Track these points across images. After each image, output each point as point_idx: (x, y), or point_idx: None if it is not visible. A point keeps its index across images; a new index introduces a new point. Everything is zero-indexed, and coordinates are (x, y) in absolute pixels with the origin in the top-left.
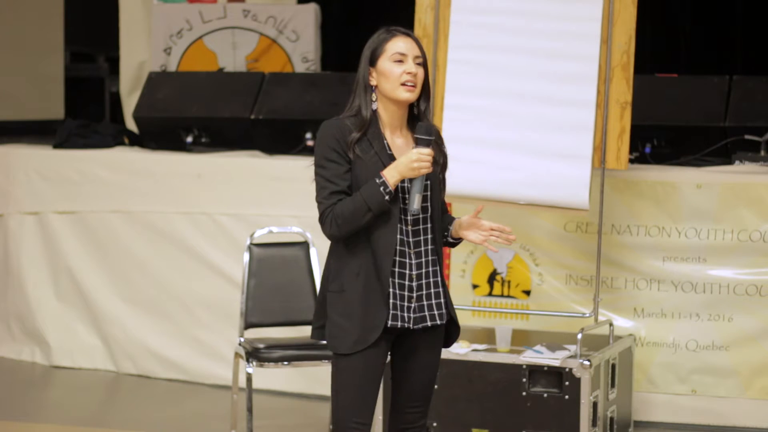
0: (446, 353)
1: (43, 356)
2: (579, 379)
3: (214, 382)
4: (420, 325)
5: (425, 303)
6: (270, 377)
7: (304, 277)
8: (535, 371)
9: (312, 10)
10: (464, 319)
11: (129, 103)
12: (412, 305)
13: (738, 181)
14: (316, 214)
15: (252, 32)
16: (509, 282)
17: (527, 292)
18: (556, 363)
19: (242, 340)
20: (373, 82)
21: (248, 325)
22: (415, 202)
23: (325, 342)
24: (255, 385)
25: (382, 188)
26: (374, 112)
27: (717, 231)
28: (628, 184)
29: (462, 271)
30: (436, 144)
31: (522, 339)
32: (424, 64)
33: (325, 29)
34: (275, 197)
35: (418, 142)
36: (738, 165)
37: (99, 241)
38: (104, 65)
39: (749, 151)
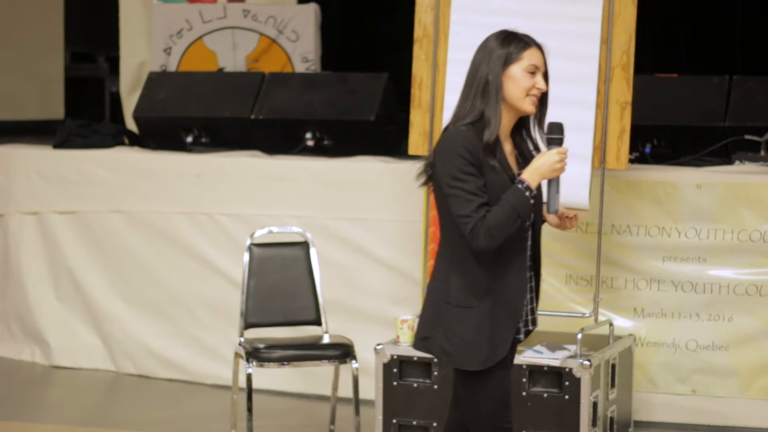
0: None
1: (43, 356)
2: (579, 379)
3: (214, 382)
4: (527, 329)
5: (529, 308)
6: (270, 377)
7: (304, 277)
8: (535, 371)
9: (312, 10)
10: None
11: (129, 103)
12: (528, 315)
13: (738, 181)
14: (315, 214)
15: (252, 32)
16: None
17: None
18: (556, 363)
19: (242, 340)
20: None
21: (248, 325)
22: (557, 201)
23: (429, 354)
24: (255, 385)
25: (527, 193)
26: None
27: (717, 231)
28: (628, 184)
29: None
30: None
31: None
32: (547, 78)
33: (325, 29)
34: (275, 197)
35: (551, 142)
36: (738, 165)
37: (99, 241)
38: (104, 65)
39: (749, 151)
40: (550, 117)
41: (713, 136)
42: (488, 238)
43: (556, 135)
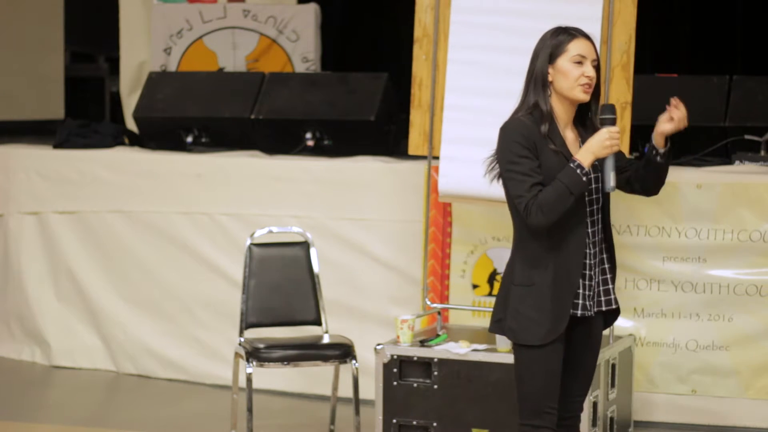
0: (446, 353)
1: (43, 356)
2: None
3: (214, 382)
4: (596, 310)
5: (598, 289)
6: (270, 377)
7: (304, 277)
8: None
9: (312, 10)
10: (464, 319)
11: (129, 103)
12: (592, 293)
13: (738, 181)
14: (315, 214)
15: (252, 32)
16: None
17: None
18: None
19: (242, 340)
20: (550, 79)
21: (248, 325)
22: (612, 179)
23: (501, 335)
24: (255, 385)
25: (579, 170)
26: (551, 107)
27: (717, 231)
28: None
29: (462, 271)
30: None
31: None
32: (598, 67)
33: (325, 29)
34: (275, 197)
35: (603, 122)
36: (738, 165)
37: (99, 241)
38: (104, 65)
39: (749, 151)
40: None
41: (713, 136)
42: (540, 215)
43: (607, 115)
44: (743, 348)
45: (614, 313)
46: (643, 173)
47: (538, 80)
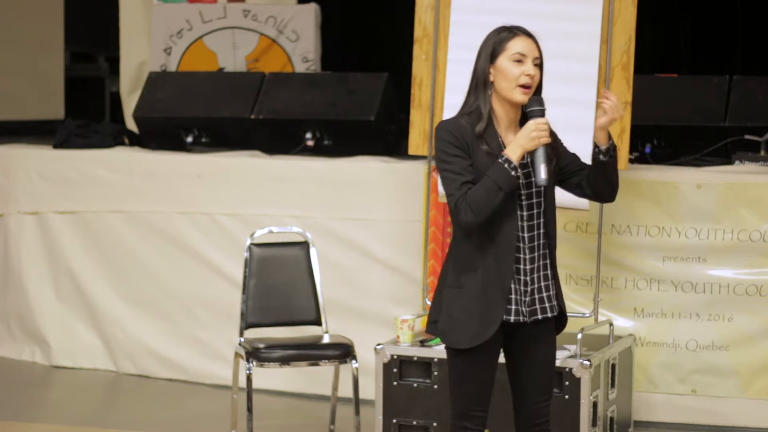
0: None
1: (43, 356)
2: (579, 379)
3: (214, 382)
4: (532, 318)
5: (537, 296)
6: (270, 377)
7: (304, 277)
8: None
9: (312, 10)
10: None
11: (129, 103)
12: (526, 299)
13: (738, 181)
14: (315, 214)
15: (252, 32)
16: None
17: None
18: (556, 363)
19: (242, 340)
20: (491, 79)
21: (248, 325)
22: (542, 171)
23: (436, 337)
24: (255, 385)
25: (506, 165)
26: (490, 109)
27: (717, 231)
28: (628, 184)
29: None
30: (553, 138)
31: None
32: (541, 66)
33: (325, 29)
34: (275, 197)
35: (531, 114)
36: (738, 165)
37: (99, 241)
38: (104, 65)
39: (749, 151)
40: (550, 117)
41: (713, 136)
42: (470, 213)
43: (535, 107)
44: (743, 348)
45: (562, 319)
46: (592, 176)
47: (479, 80)
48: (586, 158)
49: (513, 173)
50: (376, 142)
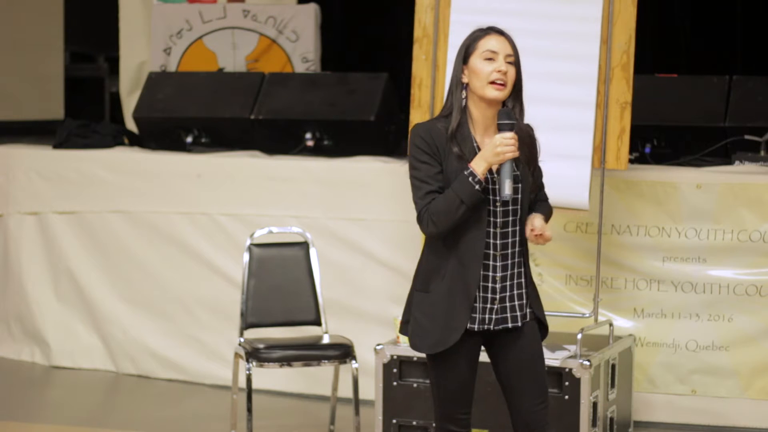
0: None
1: (43, 356)
2: (579, 380)
3: (214, 382)
4: (500, 327)
5: (508, 304)
6: (270, 377)
7: (304, 277)
8: None
9: (312, 10)
10: None
11: (129, 103)
12: (495, 306)
13: (738, 181)
14: (315, 214)
15: (252, 32)
16: None
17: None
18: (555, 363)
19: (242, 340)
20: (465, 80)
21: (248, 326)
22: (506, 187)
23: (407, 337)
24: (255, 385)
25: (470, 179)
26: (465, 111)
27: (717, 231)
28: (628, 184)
29: None
30: (530, 140)
31: None
32: (516, 63)
33: (325, 29)
34: (275, 197)
35: (500, 128)
36: (738, 165)
37: (99, 241)
38: (104, 65)
39: (749, 151)
40: (550, 117)
41: (713, 136)
42: (431, 224)
43: (504, 120)
44: (743, 348)
45: (542, 327)
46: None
47: (455, 82)
48: (584, 158)
49: (477, 187)
50: (376, 142)
